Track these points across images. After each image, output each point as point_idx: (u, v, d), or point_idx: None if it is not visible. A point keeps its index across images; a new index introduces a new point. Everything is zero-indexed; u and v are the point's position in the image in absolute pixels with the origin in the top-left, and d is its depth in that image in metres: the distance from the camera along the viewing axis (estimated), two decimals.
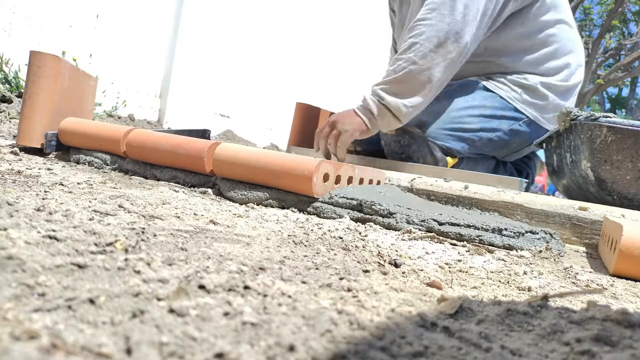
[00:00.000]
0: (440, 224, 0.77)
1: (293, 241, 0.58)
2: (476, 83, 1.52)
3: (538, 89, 1.50)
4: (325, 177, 0.85)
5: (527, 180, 1.34)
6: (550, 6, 1.46)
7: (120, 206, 0.61)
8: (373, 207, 0.81)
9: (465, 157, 1.53)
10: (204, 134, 1.39)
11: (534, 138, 1.54)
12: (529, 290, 0.52)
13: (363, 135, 1.36)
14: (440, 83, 1.33)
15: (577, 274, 0.63)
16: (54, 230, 0.42)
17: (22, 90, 1.33)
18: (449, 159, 1.46)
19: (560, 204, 0.92)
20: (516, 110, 1.50)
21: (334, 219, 0.81)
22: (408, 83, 1.29)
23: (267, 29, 3.12)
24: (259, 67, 3.20)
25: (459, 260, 0.62)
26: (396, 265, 0.54)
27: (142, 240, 0.45)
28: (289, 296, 0.35)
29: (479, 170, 1.57)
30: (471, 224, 0.77)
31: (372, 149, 1.63)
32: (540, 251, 0.72)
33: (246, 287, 0.35)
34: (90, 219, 0.50)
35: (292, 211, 0.84)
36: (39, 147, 1.07)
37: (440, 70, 1.29)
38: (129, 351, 0.24)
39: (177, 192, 0.84)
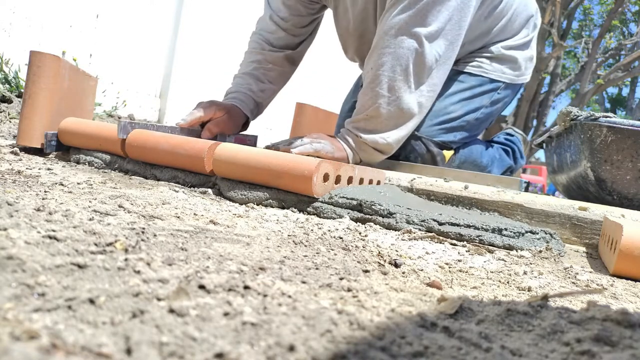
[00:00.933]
0: (440, 224, 0.77)
1: (293, 241, 0.58)
2: None
3: (504, 54, 1.52)
4: (325, 177, 0.85)
5: (526, 181, 1.34)
6: None
7: (120, 206, 0.61)
8: (373, 207, 0.81)
9: (460, 145, 1.55)
10: (254, 140, 1.43)
11: (513, 97, 1.60)
12: (529, 290, 0.52)
13: (341, 161, 1.19)
14: (421, 108, 1.25)
15: (577, 274, 0.63)
16: (54, 230, 0.42)
17: (22, 90, 1.33)
18: (445, 152, 1.47)
19: (560, 204, 0.92)
20: (492, 81, 1.52)
21: (334, 219, 0.81)
22: (380, 118, 1.20)
23: None
24: None
25: (459, 260, 0.62)
26: (396, 265, 0.54)
27: (142, 240, 0.45)
28: (289, 296, 0.35)
29: (474, 158, 1.60)
30: (471, 224, 0.77)
31: None
32: (540, 251, 0.72)
33: (246, 287, 0.35)
34: (90, 219, 0.50)
35: (292, 211, 0.84)
36: (39, 147, 1.07)
37: (419, 98, 1.21)
38: (129, 351, 0.24)
39: (177, 192, 0.84)
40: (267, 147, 1.19)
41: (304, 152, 1.12)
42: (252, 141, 1.43)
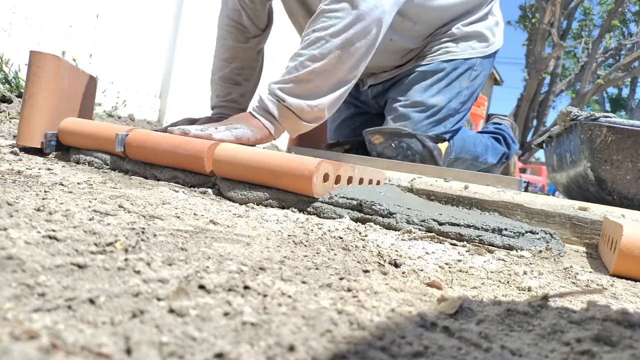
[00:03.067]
0: (440, 224, 0.77)
1: (293, 241, 0.58)
2: (415, 68, 1.52)
3: (466, 31, 1.51)
4: (325, 177, 0.85)
5: (526, 181, 1.34)
6: None
7: (120, 206, 0.61)
8: (373, 207, 0.81)
9: (452, 134, 1.55)
10: None
11: (490, 67, 1.59)
12: (529, 290, 0.52)
13: (263, 141, 1.14)
14: (354, 77, 1.19)
15: (577, 274, 0.63)
16: (54, 230, 0.42)
17: (22, 90, 1.33)
18: (440, 145, 1.48)
19: (560, 204, 0.92)
20: (465, 60, 1.51)
21: (334, 219, 0.81)
22: (312, 83, 1.12)
23: None
24: None
25: (459, 260, 0.62)
26: (396, 265, 0.54)
27: (142, 240, 0.45)
28: (289, 296, 0.35)
29: (469, 147, 1.60)
30: (471, 224, 0.77)
31: (358, 144, 1.64)
32: (540, 251, 0.72)
33: (246, 287, 0.35)
34: (90, 219, 0.50)
35: (292, 211, 0.84)
36: (39, 147, 1.07)
37: (350, 67, 1.15)
38: (129, 351, 0.24)
39: (177, 192, 0.84)
40: (162, 130, 1.11)
41: (225, 139, 1.04)
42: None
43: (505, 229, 0.76)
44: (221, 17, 1.52)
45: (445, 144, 1.51)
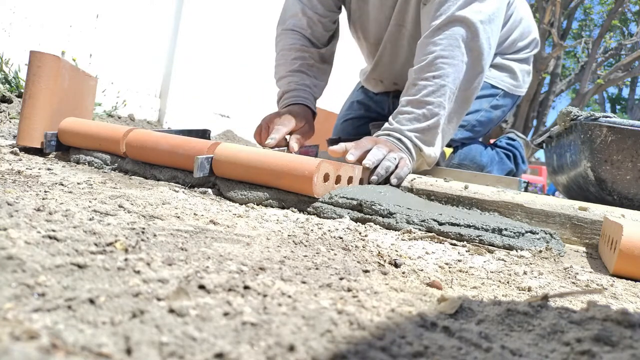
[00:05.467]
0: (440, 224, 0.77)
1: (293, 241, 0.58)
2: None
3: (504, 63, 1.58)
4: (326, 177, 0.85)
5: (526, 181, 1.34)
6: None
7: (120, 206, 0.61)
8: (373, 207, 0.81)
9: (459, 145, 1.57)
10: (204, 134, 1.38)
11: (510, 107, 1.65)
12: (529, 290, 0.52)
13: (404, 175, 1.07)
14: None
15: (577, 274, 0.63)
16: (54, 230, 0.42)
17: (22, 90, 1.33)
18: (445, 149, 1.48)
19: (560, 204, 0.92)
20: (492, 86, 1.57)
21: (334, 219, 0.81)
22: (437, 133, 1.14)
23: (268, 29, 3.12)
24: (259, 67, 3.20)
25: (459, 260, 0.62)
26: (396, 265, 0.54)
27: (142, 240, 0.45)
28: (289, 296, 0.35)
29: (473, 155, 1.62)
30: (471, 224, 0.77)
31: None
32: (540, 251, 0.72)
33: (246, 287, 0.35)
34: (90, 219, 0.50)
35: (292, 211, 0.84)
36: (39, 147, 1.07)
37: (462, 117, 1.22)
38: (129, 351, 0.24)
39: (177, 192, 0.84)
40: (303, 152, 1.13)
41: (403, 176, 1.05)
42: (314, 151, 1.40)
43: (505, 229, 0.76)
44: (289, 19, 1.49)
45: (450, 149, 1.52)
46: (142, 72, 2.77)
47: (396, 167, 1.04)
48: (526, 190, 1.44)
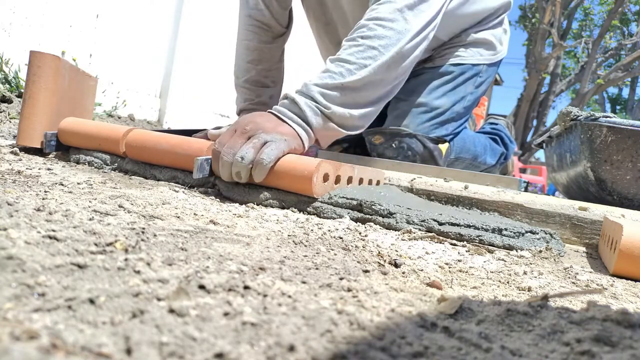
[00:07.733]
0: (440, 224, 0.77)
1: (293, 241, 0.58)
2: (423, 69, 1.53)
3: (477, 38, 1.53)
4: (325, 177, 0.85)
5: (525, 181, 1.35)
6: None
7: (120, 206, 0.61)
8: (373, 207, 0.81)
9: (454, 138, 1.56)
10: (315, 151, 1.40)
11: (494, 74, 1.62)
12: (529, 290, 0.52)
13: (293, 153, 0.91)
14: (395, 91, 1.14)
15: (577, 274, 0.63)
16: (54, 230, 0.42)
17: (22, 90, 1.33)
18: (440, 146, 1.48)
19: (560, 204, 0.92)
20: (473, 65, 1.53)
21: (334, 219, 0.81)
22: (360, 92, 1.01)
23: None
24: None
25: (459, 260, 0.62)
26: (396, 265, 0.54)
27: (142, 240, 0.45)
28: (289, 296, 0.35)
29: (469, 146, 1.61)
30: (471, 224, 0.77)
31: (358, 142, 1.63)
32: (540, 251, 0.72)
33: (246, 287, 0.35)
34: (90, 219, 0.50)
35: (292, 211, 0.84)
36: (39, 147, 1.07)
37: (398, 82, 1.11)
38: (129, 351, 0.24)
39: (177, 192, 0.84)
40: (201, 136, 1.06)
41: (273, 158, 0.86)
42: (313, 152, 1.40)
43: (505, 229, 0.76)
44: (242, 17, 1.49)
45: (446, 145, 1.52)
46: (142, 72, 2.77)
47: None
48: (526, 190, 1.44)
